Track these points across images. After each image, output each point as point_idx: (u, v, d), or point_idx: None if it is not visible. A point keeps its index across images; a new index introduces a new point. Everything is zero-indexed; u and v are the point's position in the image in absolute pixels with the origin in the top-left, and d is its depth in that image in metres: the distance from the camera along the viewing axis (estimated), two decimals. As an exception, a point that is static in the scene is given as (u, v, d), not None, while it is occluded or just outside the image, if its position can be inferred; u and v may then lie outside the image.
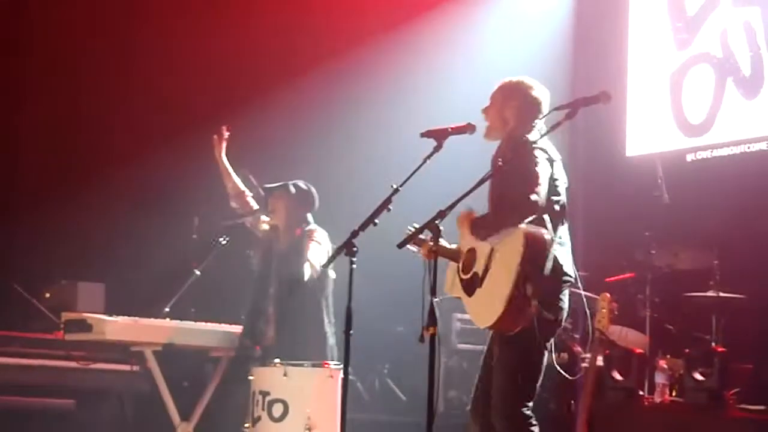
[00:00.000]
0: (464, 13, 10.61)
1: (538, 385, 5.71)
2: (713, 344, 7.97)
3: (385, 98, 10.39)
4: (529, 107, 5.92)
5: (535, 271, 5.49)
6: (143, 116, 10.32)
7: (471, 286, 5.72)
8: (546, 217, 5.63)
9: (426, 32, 10.51)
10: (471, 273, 5.73)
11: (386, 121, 10.22)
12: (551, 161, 5.74)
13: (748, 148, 9.11)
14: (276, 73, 10.40)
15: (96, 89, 10.40)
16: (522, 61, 9.73)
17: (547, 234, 5.58)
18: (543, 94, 5.97)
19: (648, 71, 10.03)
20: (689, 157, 9.51)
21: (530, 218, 5.55)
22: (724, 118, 9.33)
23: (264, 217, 7.95)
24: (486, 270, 5.62)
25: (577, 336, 8.38)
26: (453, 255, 5.85)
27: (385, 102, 10.39)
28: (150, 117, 10.30)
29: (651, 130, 9.92)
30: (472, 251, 5.77)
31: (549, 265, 5.55)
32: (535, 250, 5.50)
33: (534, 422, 5.66)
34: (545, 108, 5.92)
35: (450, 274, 5.90)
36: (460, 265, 5.81)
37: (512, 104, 5.93)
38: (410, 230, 5.62)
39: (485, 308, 5.58)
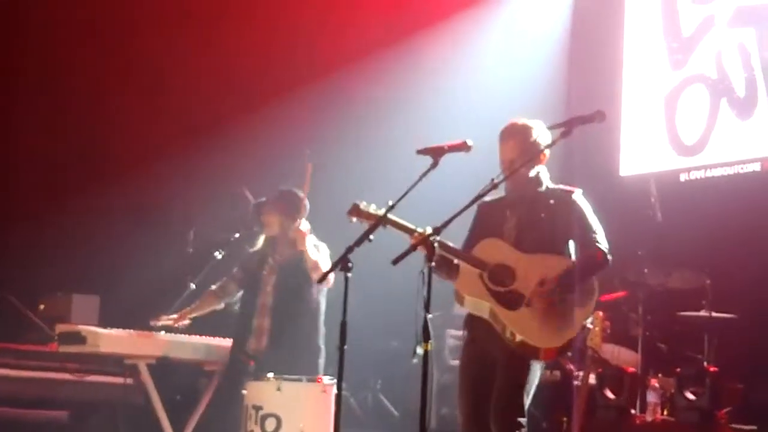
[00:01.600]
0: (462, 33, 10.65)
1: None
2: (705, 363, 7.99)
3: (382, 115, 10.42)
4: (543, 149, 6.10)
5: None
6: (139, 130, 10.32)
7: (511, 301, 5.94)
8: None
9: (424, 51, 10.55)
10: (509, 288, 5.95)
11: (383, 138, 10.24)
12: None
13: (742, 168, 9.15)
14: (272, 89, 10.41)
15: (90, 103, 10.40)
16: (519, 80, 9.81)
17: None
18: (548, 136, 6.17)
19: (643, 91, 10.06)
20: (683, 177, 9.54)
21: None
22: (717, 139, 9.37)
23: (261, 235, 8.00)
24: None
25: (569, 354, 8.39)
26: (472, 261, 6.01)
27: (381, 119, 10.42)
28: (146, 130, 10.30)
29: (645, 150, 9.95)
30: (505, 267, 5.99)
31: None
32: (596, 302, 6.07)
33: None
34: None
35: (466, 274, 6.02)
36: (486, 274, 5.97)
37: (532, 147, 6.09)
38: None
39: (546, 332, 5.90)
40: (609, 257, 6.06)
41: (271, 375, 7.04)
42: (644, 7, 10.19)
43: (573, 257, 6.04)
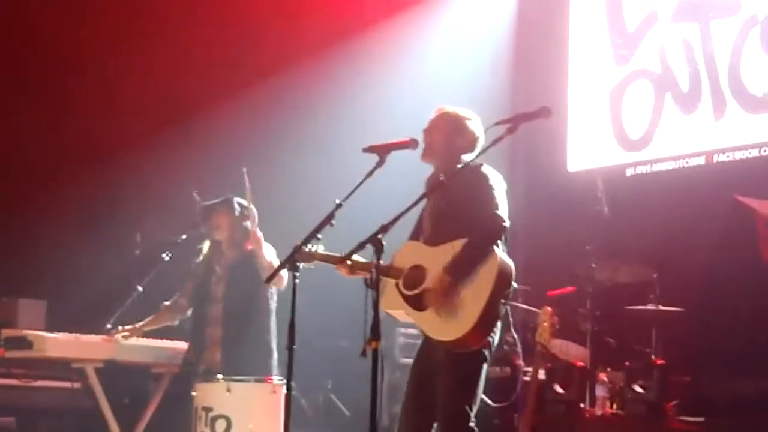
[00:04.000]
0: (406, 32, 10.67)
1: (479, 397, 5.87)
2: (653, 357, 8.05)
3: (328, 113, 10.42)
4: (477, 141, 6.11)
5: (501, 296, 5.75)
6: (85, 132, 10.23)
7: (421, 301, 5.83)
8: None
9: (369, 49, 10.55)
10: (421, 289, 5.83)
11: (329, 137, 10.23)
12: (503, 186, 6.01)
13: (687, 162, 9.23)
14: (217, 88, 10.37)
15: (35, 106, 10.29)
16: (464, 77, 9.82)
17: (511, 263, 5.80)
18: (482, 131, 6.15)
19: (588, 87, 10.12)
20: (629, 172, 9.61)
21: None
22: (662, 133, 9.44)
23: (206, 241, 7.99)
24: None
25: (518, 350, 8.42)
26: (388, 271, 5.92)
27: (327, 117, 10.41)
28: (92, 133, 10.22)
29: (591, 145, 10.01)
30: (417, 268, 5.89)
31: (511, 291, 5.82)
32: (504, 277, 5.75)
33: (479, 436, 5.81)
34: (480, 143, 6.14)
35: (386, 288, 5.91)
36: (401, 281, 5.89)
37: (465, 136, 6.10)
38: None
39: (447, 324, 5.73)
40: (500, 222, 5.80)
41: (220, 376, 7.01)
42: (589, 3, 10.25)
43: None
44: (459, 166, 5.92)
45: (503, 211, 5.87)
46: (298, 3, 10.60)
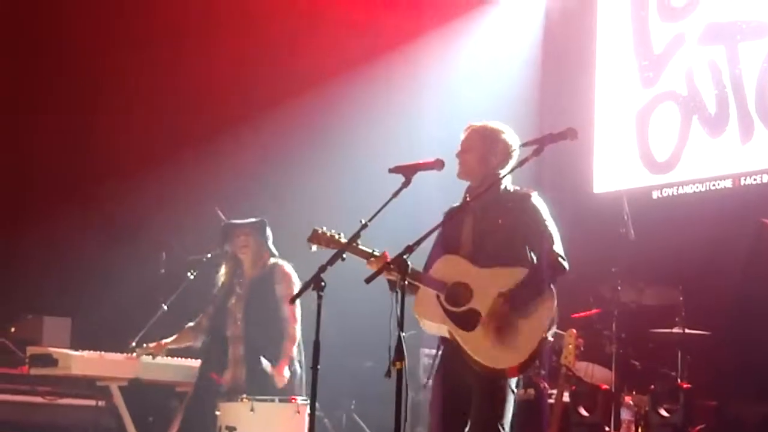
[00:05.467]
0: (432, 53, 10.68)
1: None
2: (678, 380, 8.00)
3: (355, 134, 10.41)
4: (512, 153, 6.10)
5: (548, 333, 5.87)
6: (111, 150, 10.27)
7: (467, 320, 5.84)
8: None
9: (397, 71, 10.57)
10: (466, 308, 5.84)
11: (355, 157, 10.23)
12: None
13: (713, 185, 9.18)
14: (241, 109, 10.41)
15: (60, 122, 10.34)
16: (490, 99, 9.81)
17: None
18: (516, 140, 6.13)
19: (614, 109, 10.10)
20: (655, 194, 9.57)
21: None
22: (689, 156, 9.40)
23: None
24: (496, 313, 5.81)
25: (543, 372, 8.39)
26: (431, 283, 5.92)
27: (354, 138, 10.40)
28: (118, 151, 10.25)
29: (617, 167, 9.98)
30: (462, 285, 5.88)
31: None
32: (555, 317, 5.92)
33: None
34: (517, 152, 6.11)
35: (424, 297, 5.92)
36: (443, 295, 5.87)
37: (498, 151, 6.09)
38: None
39: (495, 351, 5.77)
40: (564, 263, 5.95)
41: (244, 396, 7.01)
42: (615, 26, 10.23)
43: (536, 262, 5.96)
44: (500, 179, 5.96)
45: (560, 248, 5.97)
46: (322, 24, 10.61)
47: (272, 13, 10.55)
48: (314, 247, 5.88)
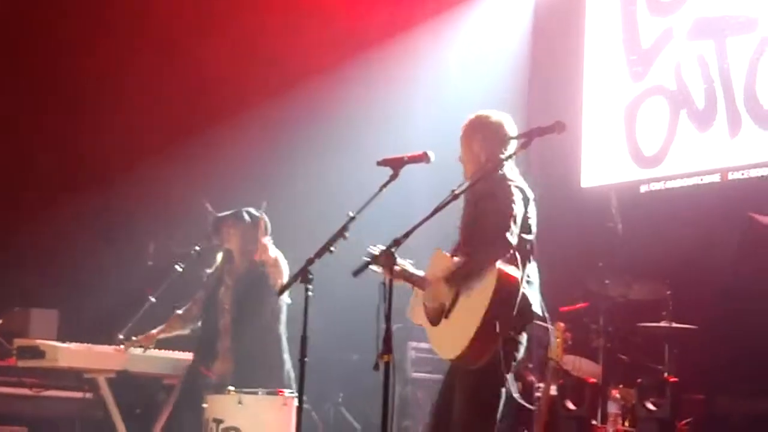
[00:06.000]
0: (422, 46, 10.68)
1: (498, 418, 5.77)
2: (665, 374, 8.01)
3: (343, 127, 10.41)
4: (493, 134, 6.00)
5: (504, 309, 5.59)
6: (98, 143, 10.26)
7: (437, 316, 5.78)
8: (517, 255, 5.76)
9: (385, 64, 10.55)
10: (438, 303, 5.78)
11: (343, 150, 10.23)
12: (526, 200, 5.90)
13: (701, 180, 9.20)
14: (231, 103, 10.39)
15: (49, 118, 10.32)
16: (479, 92, 9.81)
17: (517, 273, 5.68)
18: (501, 117, 6.05)
19: (603, 103, 10.10)
20: (643, 189, 9.58)
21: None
22: (677, 150, 9.41)
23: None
24: (454, 302, 5.70)
25: (531, 365, 8.40)
26: (417, 281, 5.88)
27: (341, 130, 10.41)
28: (105, 144, 10.24)
29: (605, 162, 9.99)
30: (441, 281, 5.81)
31: (518, 303, 5.64)
32: (507, 290, 5.62)
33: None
34: (510, 129, 6.01)
35: (414, 301, 5.92)
36: (428, 293, 5.84)
37: (477, 137, 6.03)
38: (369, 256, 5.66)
39: (450, 340, 5.67)
40: (508, 237, 5.63)
41: (231, 388, 7.01)
42: (604, 20, 10.23)
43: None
44: (495, 168, 5.84)
45: (508, 225, 5.68)
46: (313, 17, 10.60)
47: (261, 7, 10.54)
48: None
